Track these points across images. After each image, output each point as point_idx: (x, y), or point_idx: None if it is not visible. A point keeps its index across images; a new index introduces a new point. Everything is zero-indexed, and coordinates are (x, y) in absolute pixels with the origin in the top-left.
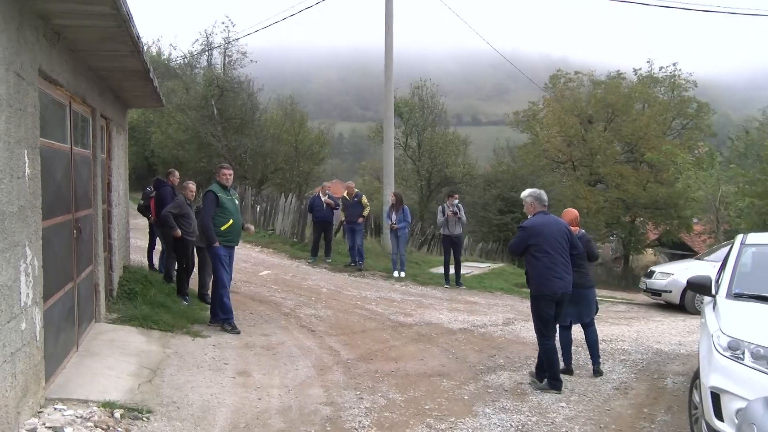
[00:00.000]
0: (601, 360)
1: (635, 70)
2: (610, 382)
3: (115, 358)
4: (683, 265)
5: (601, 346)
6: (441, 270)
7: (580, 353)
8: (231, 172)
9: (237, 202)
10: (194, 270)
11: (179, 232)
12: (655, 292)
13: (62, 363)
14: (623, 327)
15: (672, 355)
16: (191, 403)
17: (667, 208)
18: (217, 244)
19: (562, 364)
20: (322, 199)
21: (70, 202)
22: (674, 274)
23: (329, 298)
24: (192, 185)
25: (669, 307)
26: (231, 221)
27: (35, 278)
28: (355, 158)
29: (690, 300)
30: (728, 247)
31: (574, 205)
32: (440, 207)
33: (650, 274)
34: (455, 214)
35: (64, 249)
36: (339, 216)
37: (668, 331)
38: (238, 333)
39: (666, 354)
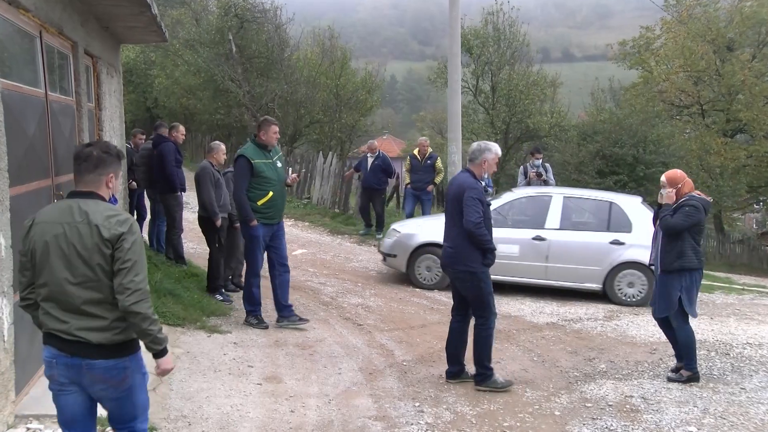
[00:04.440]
0: (720, 369)
1: None
2: (763, 402)
3: None
4: (421, 220)
5: (744, 352)
6: None
7: (714, 360)
8: (278, 128)
9: (280, 164)
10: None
11: (220, 221)
12: (386, 255)
13: (39, 369)
14: None
15: None
16: (206, 418)
17: None
18: (254, 222)
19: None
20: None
21: (48, 163)
22: (401, 231)
23: (380, 284)
24: (223, 147)
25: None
26: (270, 193)
27: (2, 261)
28: (412, 107)
29: (411, 267)
30: (510, 194)
31: (701, 164)
32: (521, 168)
33: (391, 233)
34: (540, 176)
35: None
36: (403, 180)
37: None
38: (266, 327)
39: None
